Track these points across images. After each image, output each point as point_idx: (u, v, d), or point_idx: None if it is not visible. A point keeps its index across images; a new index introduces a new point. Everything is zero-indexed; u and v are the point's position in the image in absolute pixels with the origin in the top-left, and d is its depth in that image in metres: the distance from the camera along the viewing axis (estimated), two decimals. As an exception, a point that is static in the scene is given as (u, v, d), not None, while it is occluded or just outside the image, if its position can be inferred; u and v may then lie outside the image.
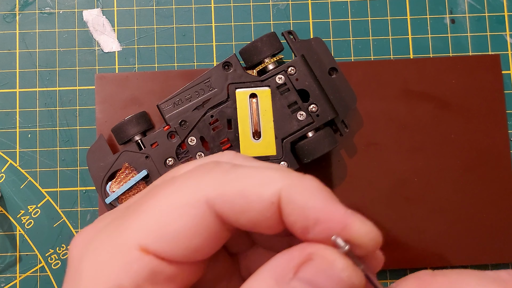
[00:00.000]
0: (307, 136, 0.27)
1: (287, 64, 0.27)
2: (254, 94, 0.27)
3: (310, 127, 0.27)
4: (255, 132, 0.27)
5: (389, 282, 0.30)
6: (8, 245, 0.30)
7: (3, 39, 0.31)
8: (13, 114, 0.31)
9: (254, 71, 0.27)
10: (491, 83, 0.30)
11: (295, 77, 0.27)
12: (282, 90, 0.27)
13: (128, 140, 0.28)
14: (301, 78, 0.27)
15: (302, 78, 0.27)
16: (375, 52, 0.31)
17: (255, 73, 0.27)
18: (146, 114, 0.28)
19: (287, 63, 0.27)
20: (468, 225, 0.30)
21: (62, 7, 0.32)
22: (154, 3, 0.32)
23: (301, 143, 0.27)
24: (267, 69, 0.27)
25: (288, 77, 0.27)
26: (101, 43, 0.31)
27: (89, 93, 0.31)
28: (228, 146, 0.27)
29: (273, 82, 0.27)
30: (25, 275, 0.30)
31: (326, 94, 0.27)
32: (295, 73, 0.27)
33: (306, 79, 0.27)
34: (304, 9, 0.32)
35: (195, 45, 0.31)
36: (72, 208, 0.30)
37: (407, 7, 0.32)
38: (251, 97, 0.27)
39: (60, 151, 0.30)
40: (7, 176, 0.30)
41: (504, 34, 0.32)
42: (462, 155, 0.30)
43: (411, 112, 0.30)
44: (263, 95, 0.27)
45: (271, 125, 0.27)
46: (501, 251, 0.29)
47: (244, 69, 0.27)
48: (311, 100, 0.27)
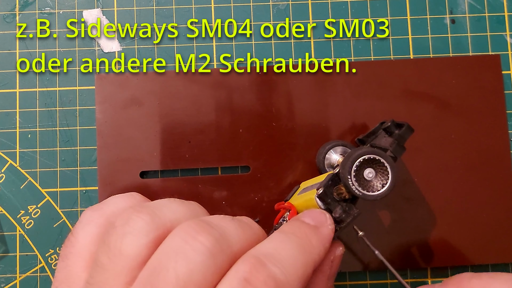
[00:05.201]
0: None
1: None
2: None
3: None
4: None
5: (389, 282, 0.30)
6: (8, 245, 0.30)
7: (3, 39, 0.31)
8: (13, 114, 0.31)
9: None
10: (491, 83, 0.30)
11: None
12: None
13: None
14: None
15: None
16: (375, 52, 0.31)
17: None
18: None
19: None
20: (468, 225, 0.30)
21: (62, 7, 0.32)
22: (154, 3, 0.32)
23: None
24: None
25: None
26: (101, 43, 0.31)
27: (89, 93, 0.31)
28: None
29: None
30: (25, 275, 0.30)
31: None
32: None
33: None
34: (304, 9, 0.32)
35: (195, 45, 0.31)
36: (72, 208, 0.30)
37: (407, 7, 0.32)
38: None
39: (60, 151, 0.30)
40: (7, 176, 0.30)
41: (504, 34, 0.32)
42: (462, 155, 0.30)
43: (411, 112, 0.30)
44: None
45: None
46: (501, 251, 0.29)
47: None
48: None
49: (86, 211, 0.23)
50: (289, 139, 0.30)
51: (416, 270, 0.30)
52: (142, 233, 0.18)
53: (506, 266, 0.30)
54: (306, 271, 0.18)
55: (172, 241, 0.18)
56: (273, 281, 0.17)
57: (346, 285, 0.30)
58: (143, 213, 0.19)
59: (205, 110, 0.30)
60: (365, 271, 0.30)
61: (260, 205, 0.29)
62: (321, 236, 0.20)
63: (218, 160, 0.30)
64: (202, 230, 0.18)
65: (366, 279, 0.30)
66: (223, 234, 0.18)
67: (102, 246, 0.19)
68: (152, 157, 0.29)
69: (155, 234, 0.18)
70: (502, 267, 0.30)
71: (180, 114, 0.30)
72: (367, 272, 0.30)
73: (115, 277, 0.17)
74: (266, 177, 0.30)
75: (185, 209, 0.20)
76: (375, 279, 0.30)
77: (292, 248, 0.18)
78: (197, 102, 0.30)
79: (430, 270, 0.30)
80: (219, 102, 0.30)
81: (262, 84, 0.30)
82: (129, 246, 0.18)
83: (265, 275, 0.17)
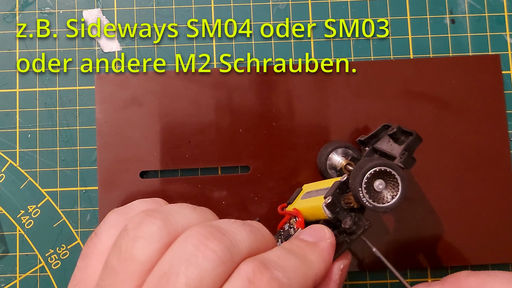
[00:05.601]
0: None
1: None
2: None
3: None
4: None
5: (389, 282, 0.30)
6: (8, 245, 0.30)
7: (3, 39, 0.31)
8: (13, 114, 0.31)
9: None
10: (491, 83, 0.30)
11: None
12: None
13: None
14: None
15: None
16: (375, 52, 0.31)
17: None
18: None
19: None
20: (468, 225, 0.30)
21: (62, 7, 0.32)
22: (154, 3, 0.32)
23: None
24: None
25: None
26: (101, 43, 0.31)
27: (89, 93, 0.31)
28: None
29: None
30: (25, 275, 0.30)
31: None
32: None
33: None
34: (304, 9, 0.32)
35: (195, 45, 0.31)
36: (72, 208, 0.30)
37: (407, 7, 0.32)
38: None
39: (60, 151, 0.30)
40: (7, 176, 0.30)
41: (504, 34, 0.32)
42: (462, 155, 0.30)
43: (411, 112, 0.30)
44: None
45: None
46: (501, 251, 0.29)
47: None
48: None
49: (112, 214, 0.23)
50: (289, 139, 0.30)
51: (416, 270, 0.30)
52: (154, 238, 0.18)
53: (506, 266, 0.30)
54: (307, 282, 0.19)
55: (183, 247, 0.18)
56: (276, 283, 0.17)
57: (346, 285, 0.30)
58: (155, 218, 0.19)
59: (205, 110, 0.30)
60: (365, 271, 0.30)
61: (260, 205, 0.29)
62: (320, 251, 0.20)
63: (218, 160, 0.30)
64: (213, 238, 0.18)
65: (366, 279, 0.30)
66: (233, 242, 0.18)
67: (114, 248, 0.19)
68: (152, 157, 0.29)
69: (167, 240, 0.18)
70: (502, 267, 0.30)
71: (180, 114, 0.30)
72: (367, 272, 0.30)
73: (124, 280, 0.17)
74: (266, 177, 0.30)
75: (198, 216, 0.20)
76: (375, 279, 0.30)
77: (293, 260, 0.19)
78: (197, 102, 0.30)
79: (430, 270, 0.30)
80: (219, 102, 0.30)
81: (262, 84, 0.30)
82: (140, 250, 0.18)
83: (268, 277, 0.17)
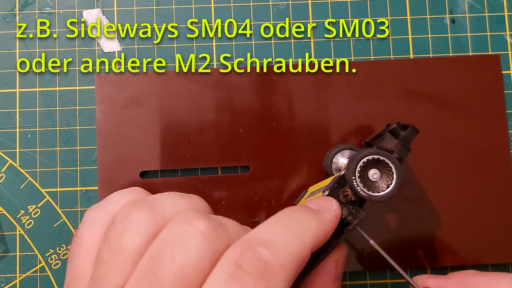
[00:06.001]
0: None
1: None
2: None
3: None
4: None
5: (389, 282, 0.30)
6: (8, 245, 0.30)
7: (3, 39, 0.31)
8: (13, 114, 0.31)
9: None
10: (491, 83, 0.30)
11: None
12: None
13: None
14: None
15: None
16: (375, 52, 0.31)
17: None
18: None
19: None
20: (468, 225, 0.30)
21: (62, 7, 0.32)
22: (154, 3, 0.32)
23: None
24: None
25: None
26: (101, 43, 0.31)
27: (89, 93, 0.31)
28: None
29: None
30: (25, 275, 0.30)
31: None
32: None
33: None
34: (304, 9, 0.32)
35: (196, 45, 0.31)
36: (72, 208, 0.30)
37: (407, 7, 0.32)
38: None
39: (60, 151, 0.30)
40: (7, 176, 0.30)
41: (504, 34, 0.32)
42: (462, 155, 0.30)
43: (411, 112, 0.30)
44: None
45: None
46: (501, 251, 0.29)
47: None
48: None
49: (89, 211, 0.23)
50: (289, 139, 0.30)
51: (416, 270, 0.30)
52: (141, 228, 0.18)
53: (506, 266, 0.30)
54: (301, 252, 0.18)
55: (170, 230, 0.18)
56: (261, 263, 0.17)
57: (346, 285, 0.30)
58: (142, 208, 0.19)
59: (205, 110, 0.30)
60: (365, 271, 0.30)
61: (260, 205, 0.29)
62: (322, 219, 0.20)
63: (218, 160, 0.30)
64: (199, 217, 0.18)
65: (366, 279, 0.30)
66: (220, 223, 0.18)
67: (103, 241, 0.19)
68: (152, 157, 0.29)
69: (155, 229, 0.18)
70: (502, 267, 0.30)
71: (180, 114, 0.30)
72: (367, 272, 0.30)
73: (116, 272, 0.18)
74: (266, 177, 0.30)
75: (186, 203, 0.20)
76: (375, 279, 0.30)
77: (286, 231, 0.18)
78: (197, 102, 0.30)
79: (430, 270, 0.30)
80: (219, 102, 0.30)
81: (262, 84, 0.30)
82: (129, 241, 0.18)
83: (253, 257, 0.17)
